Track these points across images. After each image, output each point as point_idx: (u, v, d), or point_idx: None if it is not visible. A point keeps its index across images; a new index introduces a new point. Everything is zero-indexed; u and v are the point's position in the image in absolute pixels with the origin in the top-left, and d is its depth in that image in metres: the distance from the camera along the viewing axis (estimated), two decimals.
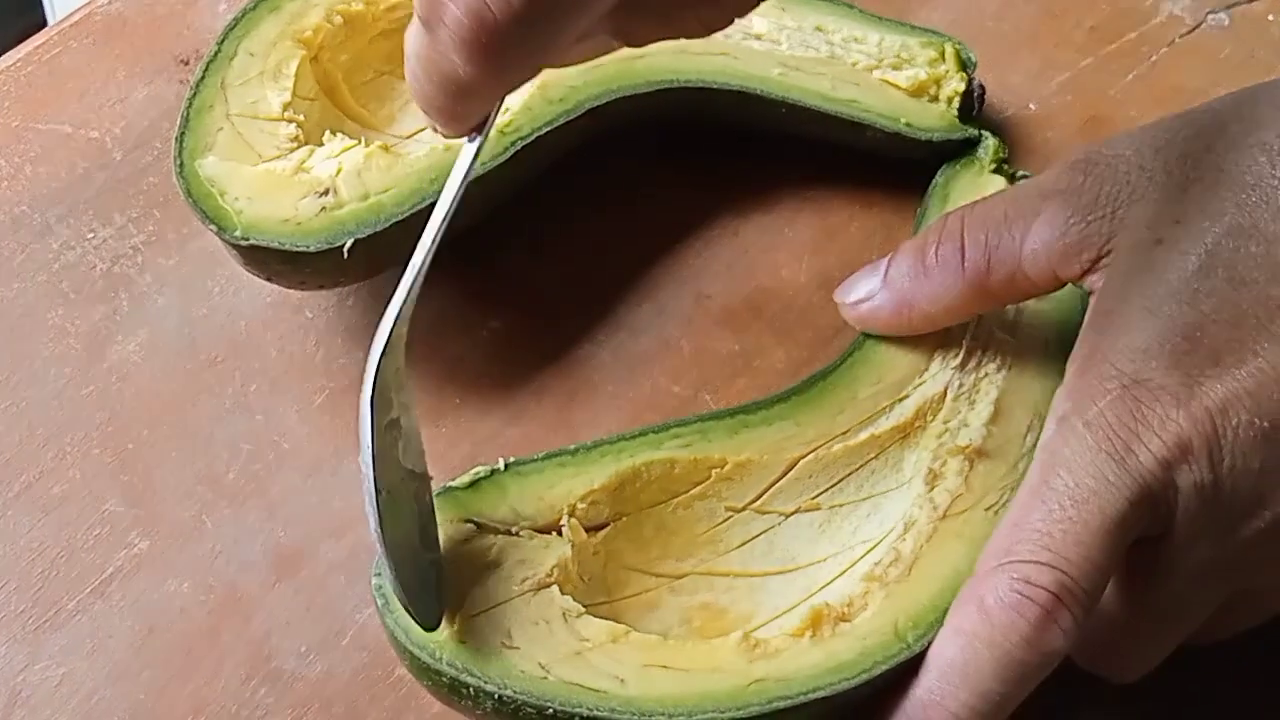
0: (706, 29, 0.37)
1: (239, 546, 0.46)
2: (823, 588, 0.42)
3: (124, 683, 0.43)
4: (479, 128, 0.36)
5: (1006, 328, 0.46)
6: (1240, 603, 0.40)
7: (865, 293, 0.46)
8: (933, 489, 0.43)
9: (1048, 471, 0.38)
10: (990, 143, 0.51)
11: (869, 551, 0.42)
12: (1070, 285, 0.47)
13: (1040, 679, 0.37)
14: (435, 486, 0.40)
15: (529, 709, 0.37)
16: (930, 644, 0.39)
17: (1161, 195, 0.40)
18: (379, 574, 0.39)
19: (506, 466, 0.42)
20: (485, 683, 0.37)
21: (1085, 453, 0.38)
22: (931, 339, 0.46)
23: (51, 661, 0.43)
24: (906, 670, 0.39)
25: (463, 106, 0.34)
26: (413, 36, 0.33)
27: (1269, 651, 0.43)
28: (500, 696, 0.37)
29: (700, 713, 0.38)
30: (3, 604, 0.44)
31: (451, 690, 0.38)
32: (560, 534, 0.41)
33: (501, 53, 0.31)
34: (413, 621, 0.38)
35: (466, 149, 0.37)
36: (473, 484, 0.41)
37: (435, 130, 0.36)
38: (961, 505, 0.42)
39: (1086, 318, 0.41)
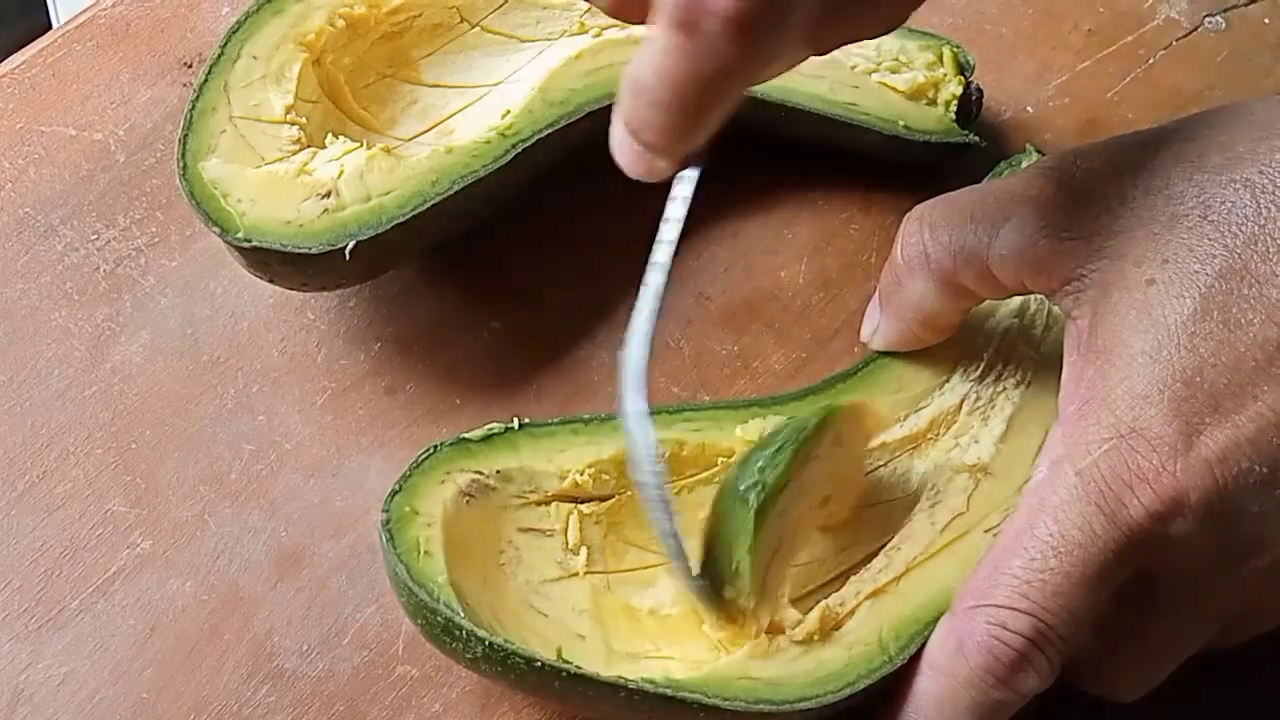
0: (888, 26, 0.38)
1: (241, 546, 0.46)
2: (819, 588, 0.42)
3: (126, 681, 0.43)
4: (692, 159, 0.39)
5: (1031, 343, 0.46)
6: (1240, 620, 0.40)
7: (874, 321, 0.46)
8: (934, 505, 0.43)
9: (1034, 517, 0.38)
10: (1035, 157, 0.50)
11: (865, 560, 0.43)
12: None
13: (1014, 711, 0.38)
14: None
15: (518, 659, 0.37)
16: (911, 657, 0.39)
17: (1145, 231, 0.39)
18: (387, 511, 0.40)
19: (521, 426, 0.43)
20: (478, 628, 0.38)
21: (1074, 503, 0.37)
22: (953, 352, 0.46)
23: (54, 660, 0.44)
24: (886, 683, 0.39)
25: (707, 114, 0.35)
26: (653, 56, 0.34)
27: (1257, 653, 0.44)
28: (491, 643, 0.37)
29: (688, 690, 0.38)
30: (6, 603, 0.45)
31: (444, 632, 0.38)
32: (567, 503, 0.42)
33: (763, 24, 0.33)
34: (414, 562, 0.39)
35: (686, 180, 0.39)
36: (486, 438, 0.42)
37: (653, 177, 0.38)
38: (961, 526, 0.42)
39: (1075, 350, 0.40)
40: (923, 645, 0.40)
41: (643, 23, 0.35)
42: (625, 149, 0.37)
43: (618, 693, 0.37)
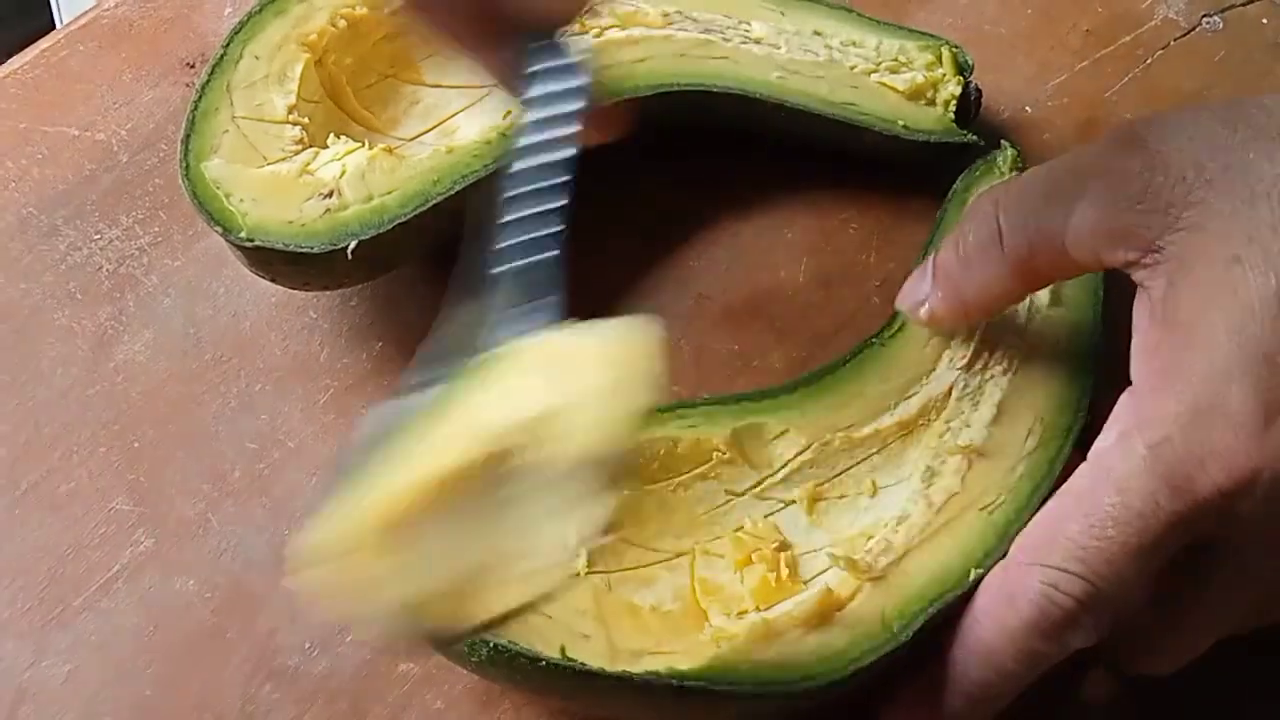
0: None
1: (244, 544, 0.46)
2: (816, 576, 0.43)
3: (130, 679, 0.44)
4: None
5: (1017, 330, 0.46)
6: (1276, 596, 0.41)
7: (920, 295, 0.46)
8: (929, 486, 0.43)
9: (1097, 483, 0.38)
10: (1009, 152, 0.51)
11: (865, 543, 0.43)
12: (1082, 290, 0.47)
13: (1057, 660, 0.39)
14: None
15: (523, 659, 0.38)
16: (914, 635, 0.40)
17: (1227, 205, 0.39)
18: None
19: None
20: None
21: (1142, 475, 0.37)
22: (939, 342, 0.47)
23: (58, 658, 0.44)
24: (892, 660, 0.40)
25: None
26: None
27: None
28: (495, 645, 0.38)
29: (694, 678, 0.38)
30: (10, 601, 0.45)
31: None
32: None
33: None
34: None
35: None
36: None
37: None
38: (957, 505, 0.43)
39: (1147, 319, 0.40)
40: (926, 623, 0.40)
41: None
42: None
43: (624, 687, 0.38)
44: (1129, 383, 0.40)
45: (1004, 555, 0.41)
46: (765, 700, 0.39)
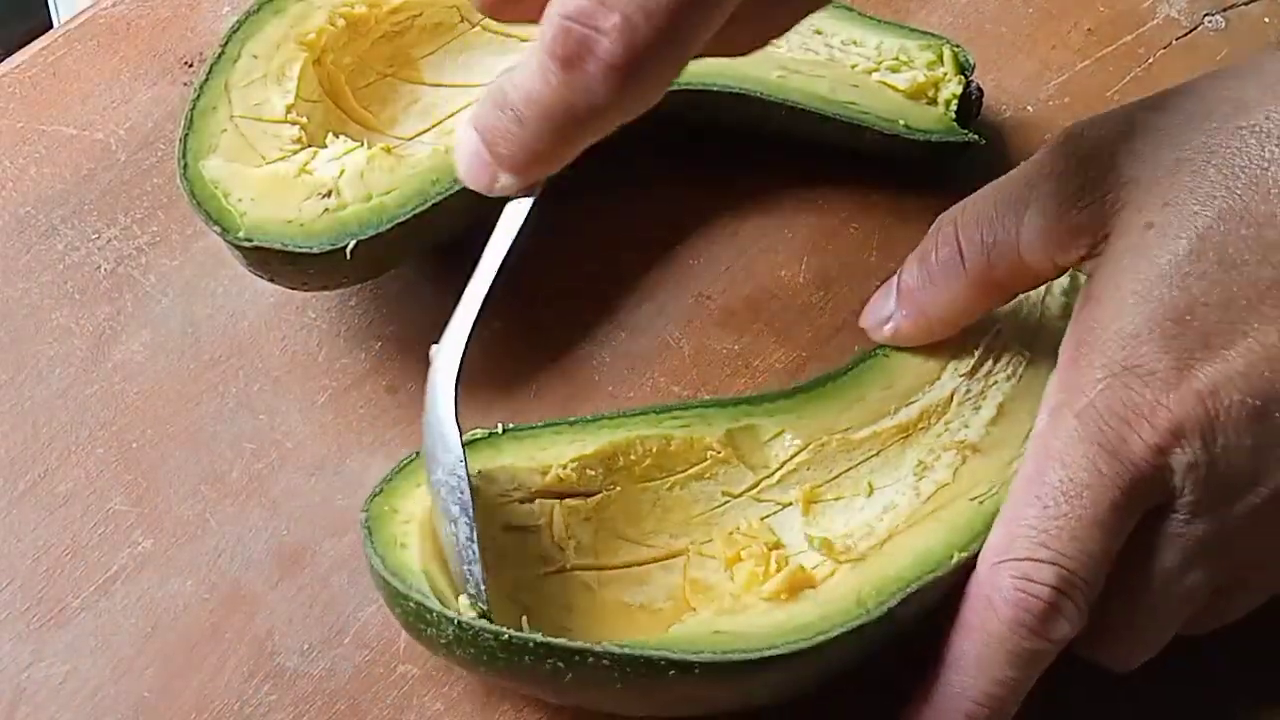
0: (792, 23, 0.39)
1: (242, 545, 0.46)
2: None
3: (128, 680, 0.43)
4: (533, 187, 0.38)
5: (1023, 340, 0.46)
6: (1235, 587, 0.41)
7: (885, 313, 0.46)
8: (920, 479, 0.43)
9: (1040, 465, 0.39)
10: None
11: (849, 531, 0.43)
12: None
13: (1053, 658, 0.39)
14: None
15: (486, 634, 0.37)
16: (888, 609, 0.39)
17: (1150, 178, 0.40)
18: (367, 510, 0.41)
19: (505, 431, 0.43)
20: (446, 609, 0.38)
21: (1077, 445, 0.38)
22: (944, 350, 0.46)
23: (56, 659, 0.44)
24: (866, 636, 0.39)
25: (570, 145, 0.35)
26: (528, 78, 0.34)
27: (1260, 635, 0.44)
28: (460, 623, 0.38)
29: (655, 648, 0.38)
30: (8, 602, 0.45)
31: (418, 618, 0.38)
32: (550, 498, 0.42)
33: (644, 74, 0.33)
34: (389, 553, 0.39)
35: (518, 206, 0.39)
36: (469, 442, 0.42)
37: (489, 191, 0.37)
38: (946, 495, 0.43)
39: (1078, 304, 0.41)
40: (903, 602, 0.40)
41: (519, 23, 0.36)
42: (470, 154, 0.37)
43: (587, 659, 0.37)
44: None
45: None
46: (731, 671, 0.38)
